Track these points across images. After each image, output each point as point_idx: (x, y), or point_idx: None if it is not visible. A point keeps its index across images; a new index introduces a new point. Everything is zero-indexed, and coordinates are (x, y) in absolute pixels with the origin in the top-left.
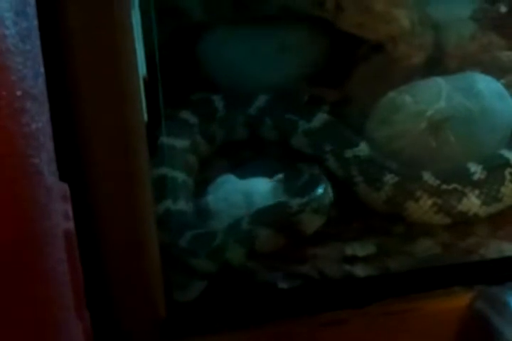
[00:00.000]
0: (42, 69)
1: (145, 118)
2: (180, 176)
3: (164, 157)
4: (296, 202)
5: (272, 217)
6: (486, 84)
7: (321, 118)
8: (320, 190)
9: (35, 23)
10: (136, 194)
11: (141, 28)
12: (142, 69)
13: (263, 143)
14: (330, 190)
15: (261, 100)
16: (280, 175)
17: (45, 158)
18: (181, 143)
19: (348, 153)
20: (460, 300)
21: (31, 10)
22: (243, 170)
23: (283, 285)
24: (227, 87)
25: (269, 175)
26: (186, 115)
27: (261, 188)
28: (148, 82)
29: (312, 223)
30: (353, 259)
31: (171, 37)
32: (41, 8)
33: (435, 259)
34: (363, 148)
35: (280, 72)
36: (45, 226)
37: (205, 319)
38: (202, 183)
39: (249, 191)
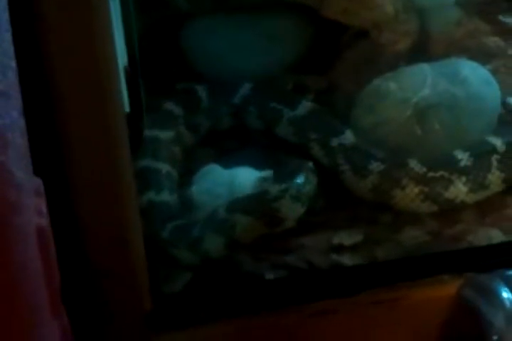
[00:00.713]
0: (13, 63)
1: (126, 109)
2: (164, 167)
3: (148, 148)
4: (275, 189)
5: (250, 203)
6: (471, 70)
7: (305, 106)
8: (301, 178)
9: (5, 15)
10: (118, 185)
11: (122, 17)
12: (123, 60)
13: (248, 133)
14: (313, 180)
15: (245, 89)
16: (269, 172)
17: (13, 155)
18: (166, 134)
19: (334, 141)
20: (448, 288)
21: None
22: (228, 159)
23: (270, 275)
24: (212, 76)
25: (255, 164)
26: (170, 106)
27: (246, 178)
28: (131, 73)
29: (292, 211)
30: (340, 248)
31: (155, 26)
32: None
33: (423, 247)
34: (348, 136)
35: (264, 60)
36: (16, 222)
37: (191, 310)
38: (187, 174)
39: (233, 181)
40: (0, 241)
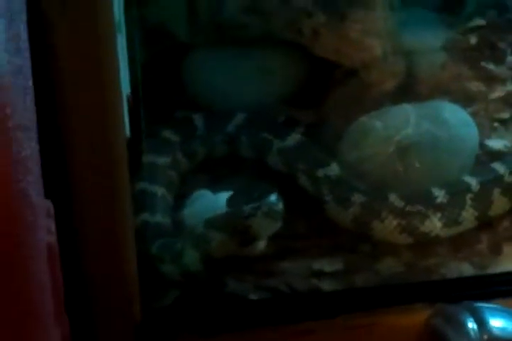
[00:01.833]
0: (29, 102)
1: (127, 135)
2: (159, 191)
3: (146, 173)
4: (248, 207)
5: (225, 221)
6: (452, 112)
7: (294, 138)
8: (272, 197)
9: (27, 56)
10: (115, 205)
11: (127, 48)
12: (126, 88)
13: (241, 161)
14: (280, 200)
15: (239, 118)
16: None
17: (31, 180)
18: (163, 160)
19: (320, 172)
20: (420, 316)
21: (24, 45)
22: (219, 185)
23: (253, 296)
24: (209, 105)
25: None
26: (168, 134)
27: None
28: (133, 101)
29: (264, 227)
30: (320, 274)
31: (157, 57)
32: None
33: (398, 277)
34: (333, 168)
35: (259, 92)
36: (31, 240)
37: (178, 325)
38: (181, 197)
39: (219, 205)
40: (17, 257)
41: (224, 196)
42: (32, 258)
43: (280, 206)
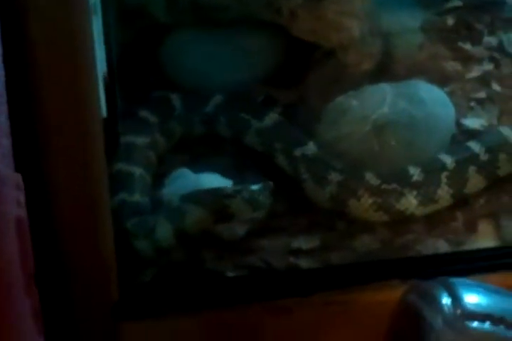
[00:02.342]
0: (1, 72)
1: (103, 114)
2: (137, 171)
3: (124, 153)
4: (230, 188)
5: (204, 196)
6: (429, 91)
7: (272, 117)
8: (257, 187)
9: None
10: (91, 184)
11: (103, 30)
12: (102, 68)
13: (219, 140)
14: (268, 195)
15: (217, 99)
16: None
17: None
18: (141, 140)
19: (297, 152)
20: (396, 293)
21: None
22: (198, 165)
23: (231, 273)
24: (187, 86)
25: (222, 171)
26: (146, 114)
27: (212, 183)
28: (109, 81)
29: (242, 211)
30: (298, 252)
31: (135, 37)
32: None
33: (374, 254)
34: (311, 148)
35: (238, 73)
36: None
37: (156, 302)
38: (160, 177)
39: (201, 185)
40: None
41: (205, 176)
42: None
43: (264, 198)
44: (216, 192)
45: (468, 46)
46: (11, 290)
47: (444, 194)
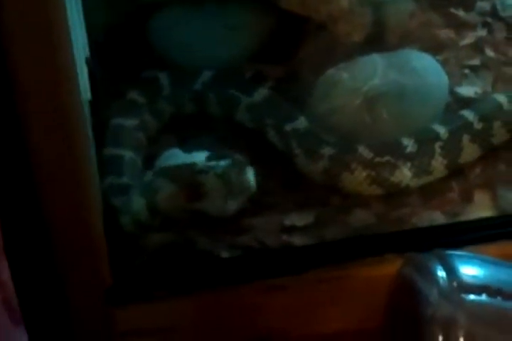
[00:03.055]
0: None
1: (88, 97)
2: (127, 154)
3: (112, 136)
4: (202, 164)
5: (176, 171)
6: (421, 60)
7: (261, 93)
8: (230, 163)
9: None
10: (79, 170)
11: (83, 9)
12: (85, 51)
13: (209, 118)
14: (246, 176)
15: (205, 76)
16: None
17: None
18: (130, 122)
19: (288, 127)
20: (392, 267)
21: None
22: (189, 144)
23: (225, 254)
24: (176, 64)
25: (213, 149)
26: (134, 95)
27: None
28: (92, 63)
29: (214, 189)
30: (291, 229)
31: (122, 16)
32: None
33: (370, 228)
34: (302, 122)
35: (226, 49)
36: None
37: (150, 286)
38: (151, 158)
39: None
40: None
41: (196, 155)
42: None
43: (236, 175)
44: (187, 167)
45: (460, 12)
46: None
47: (438, 165)
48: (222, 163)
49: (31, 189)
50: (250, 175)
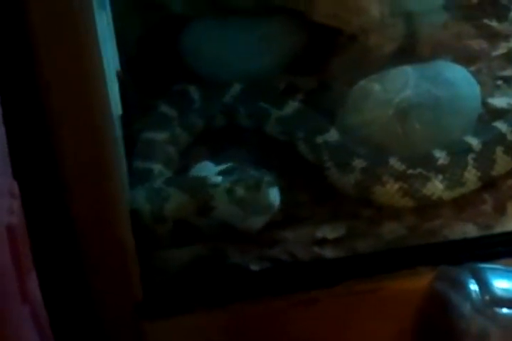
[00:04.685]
0: None
1: (119, 111)
2: (156, 167)
3: (142, 150)
4: (215, 178)
5: (187, 181)
6: (453, 71)
7: (292, 105)
8: (248, 181)
9: None
10: (109, 184)
11: (114, 23)
12: (115, 64)
13: (240, 131)
14: (264, 194)
15: (235, 89)
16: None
17: None
18: (161, 135)
19: (319, 139)
20: (424, 280)
21: None
22: (220, 157)
23: (255, 267)
24: (207, 77)
25: (244, 162)
26: (165, 108)
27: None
28: (123, 76)
29: (223, 203)
30: (323, 242)
31: (152, 29)
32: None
33: (401, 241)
34: (333, 134)
35: (258, 61)
36: None
37: (181, 299)
38: (182, 171)
39: None
40: None
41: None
42: None
43: (256, 194)
44: (199, 179)
45: (493, 23)
46: (5, 300)
47: (471, 177)
48: (233, 177)
49: (62, 203)
50: (269, 193)
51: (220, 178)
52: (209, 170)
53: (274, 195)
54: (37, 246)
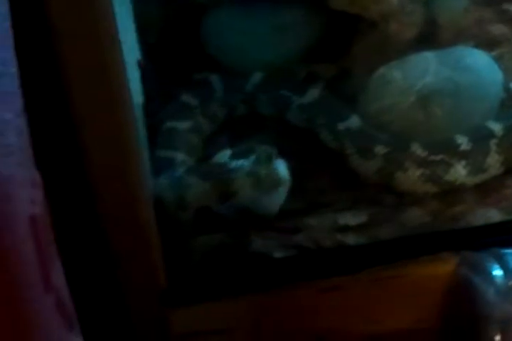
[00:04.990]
0: (11, 69)
1: (140, 100)
2: (179, 156)
3: (165, 138)
4: (234, 163)
5: (206, 169)
6: (474, 57)
7: (313, 93)
8: (256, 158)
9: (6, 24)
10: (132, 172)
11: (134, 12)
12: (136, 53)
13: (261, 119)
14: (275, 168)
15: (256, 77)
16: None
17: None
18: (183, 124)
19: (340, 126)
20: (448, 266)
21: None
22: (242, 145)
23: (278, 254)
24: (229, 65)
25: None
26: (187, 98)
27: None
28: (144, 65)
29: (244, 187)
30: (345, 228)
31: (174, 18)
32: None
33: (424, 227)
34: (354, 121)
35: (279, 49)
36: (5, 210)
37: (205, 287)
38: (205, 159)
39: None
40: None
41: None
42: (7, 230)
43: (269, 171)
44: (219, 165)
45: None
46: (28, 290)
47: (493, 162)
48: (250, 159)
49: (85, 191)
50: (279, 166)
51: (239, 163)
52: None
53: (284, 166)
54: (62, 235)
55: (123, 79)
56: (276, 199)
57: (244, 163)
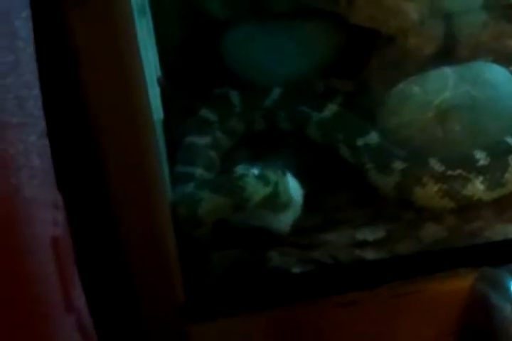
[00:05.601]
0: (34, 92)
1: (161, 116)
2: (197, 171)
3: (184, 154)
4: (240, 168)
5: (216, 181)
6: (493, 72)
7: (331, 108)
8: (269, 170)
9: (30, 49)
10: (151, 186)
11: (154, 29)
12: (156, 70)
13: (280, 134)
14: (287, 191)
15: (275, 93)
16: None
17: (25, 175)
18: (202, 140)
19: (359, 141)
20: (465, 282)
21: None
22: (261, 160)
23: (296, 269)
24: (248, 80)
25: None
26: (206, 113)
27: None
28: (164, 82)
29: (255, 190)
30: (363, 244)
31: (194, 34)
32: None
33: (442, 243)
34: (373, 136)
35: (297, 65)
36: (28, 233)
37: (223, 302)
38: (223, 174)
39: None
40: (12, 250)
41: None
42: (29, 252)
43: (278, 178)
44: (227, 175)
45: None
46: (49, 312)
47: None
48: (259, 168)
49: (104, 206)
50: (291, 186)
51: (246, 168)
52: None
53: (296, 187)
54: (82, 253)
55: (144, 96)
56: (287, 218)
57: (253, 170)
